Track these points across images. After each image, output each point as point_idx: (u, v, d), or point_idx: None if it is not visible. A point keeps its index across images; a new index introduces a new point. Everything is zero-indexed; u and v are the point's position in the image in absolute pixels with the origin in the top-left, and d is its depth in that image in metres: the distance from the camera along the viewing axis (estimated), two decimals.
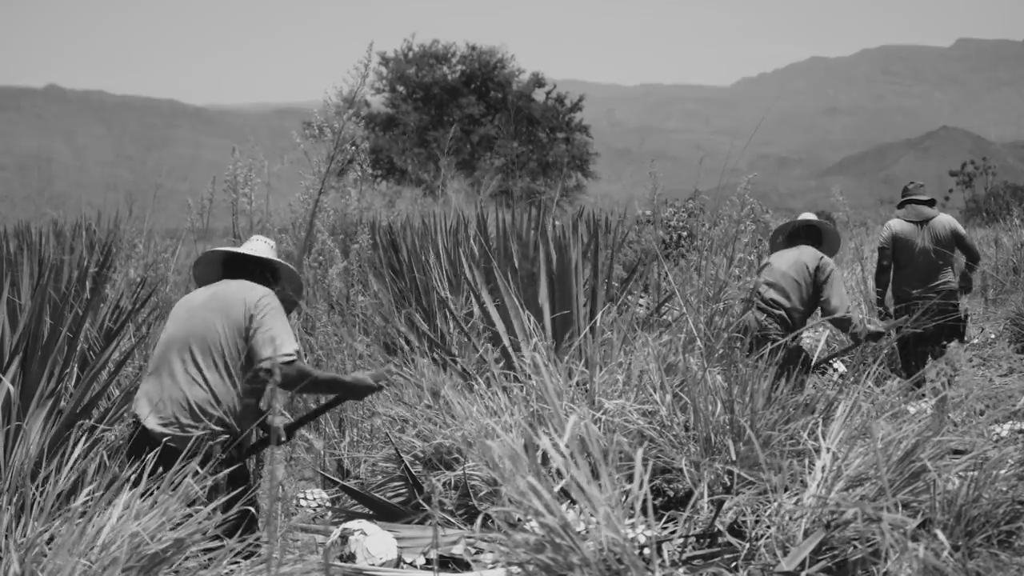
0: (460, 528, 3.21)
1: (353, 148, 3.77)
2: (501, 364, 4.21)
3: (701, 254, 5.16)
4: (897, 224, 6.38)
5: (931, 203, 6.40)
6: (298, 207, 3.92)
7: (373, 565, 3.01)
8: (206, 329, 3.34)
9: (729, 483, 2.97)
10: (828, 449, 2.77)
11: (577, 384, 3.65)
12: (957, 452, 3.02)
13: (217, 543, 2.70)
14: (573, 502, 2.41)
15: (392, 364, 3.82)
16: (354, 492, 3.77)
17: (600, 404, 3.40)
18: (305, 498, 4.07)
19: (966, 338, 6.15)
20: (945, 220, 6.31)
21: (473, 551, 3.04)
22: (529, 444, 2.38)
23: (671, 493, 3.17)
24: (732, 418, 3.13)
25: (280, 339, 3.24)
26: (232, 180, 4.27)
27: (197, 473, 2.94)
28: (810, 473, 2.77)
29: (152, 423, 3.27)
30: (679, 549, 2.72)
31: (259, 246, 3.70)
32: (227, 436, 3.32)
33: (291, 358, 3.24)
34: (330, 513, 3.98)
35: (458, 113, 31.43)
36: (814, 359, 5.34)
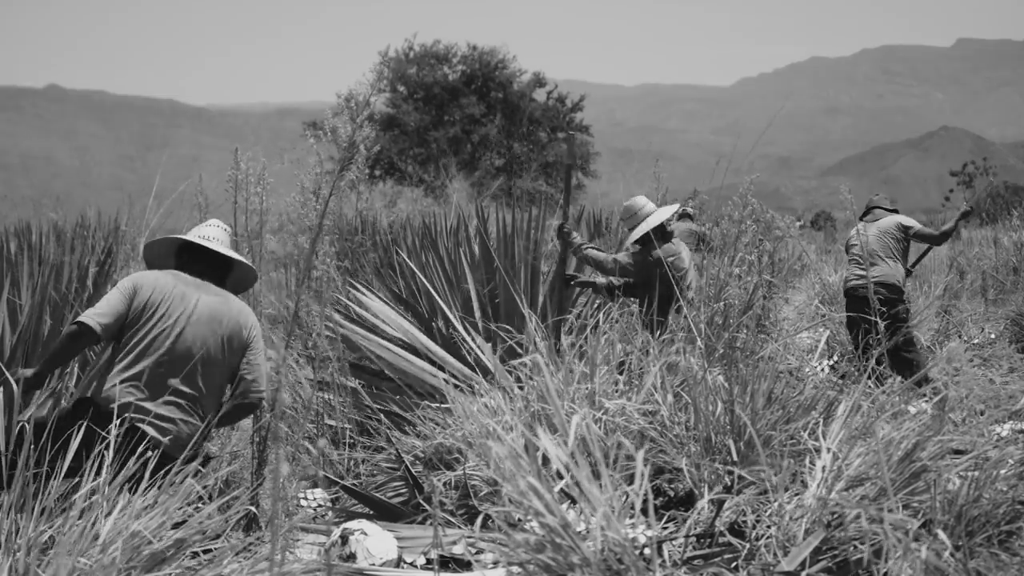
0: (460, 528, 3.21)
1: (366, 152, 3.80)
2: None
3: (703, 254, 5.17)
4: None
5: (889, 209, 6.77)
6: (296, 207, 3.92)
7: (373, 565, 3.01)
8: (220, 355, 3.50)
9: (730, 483, 2.97)
10: (828, 449, 2.77)
11: (577, 383, 3.65)
12: (957, 452, 3.02)
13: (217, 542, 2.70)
14: (574, 502, 2.41)
15: None
16: (354, 492, 3.77)
17: (600, 404, 3.40)
18: (305, 498, 4.07)
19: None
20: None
21: (473, 551, 3.04)
22: (529, 444, 2.38)
23: (671, 493, 3.17)
24: (733, 418, 3.13)
25: (263, 378, 3.62)
26: (235, 180, 4.27)
27: (198, 472, 2.95)
28: (810, 473, 2.77)
29: (153, 432, 3.29)
30: (679, 549, 2.72)
31: (216, 232, 3.77)
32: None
33: (263, 396, 3.63)
34: (330, 513, 3.98)
35: (459, 113, 31.42)
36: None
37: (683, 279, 5.08)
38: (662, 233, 5.27)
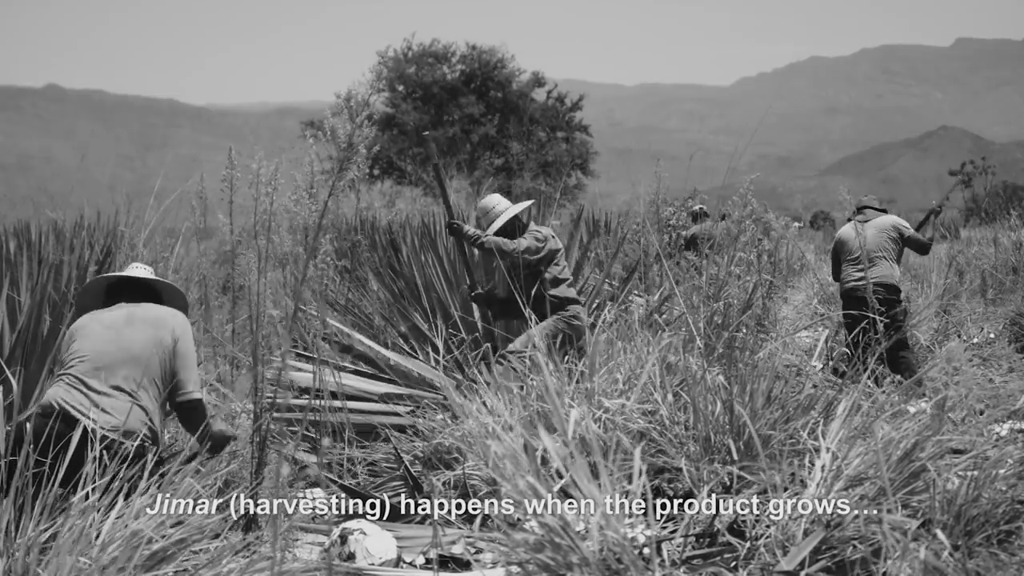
0: (459, 528, 3.21)
1: (366, 152, 3.79)
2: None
3: (702, 253, 5.17)
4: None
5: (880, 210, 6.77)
6: (295, 208, 3.91)
7: (373, 565, 3.01)
8: (140, 351, 3.46)
9: (729, 483, 2.97)
10: (828, 449, 2.77)
11: (577, 383, 3.65)
12: (957, 452, 3.02)
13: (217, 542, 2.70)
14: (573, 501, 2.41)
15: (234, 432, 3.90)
16: (354, 492, 3.77)
17: (600, 403, 3.40)
18: (305, 498, 4.06)
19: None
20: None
21: (473, 550, 3.04)
22: (528, 444, 2.38)
23: (671, 492, 3.17)
24: (732, 417, 3.13)
25: (196, 379, 3.54)
26: (230, 179, 4.27)
27: (198, 472, 2.95)
28: (810, 473, 2.77)
29: (100, 429, 3.29)
30: (679, 549, 2.72)
31: (138, 272, 3.79)
32: (154, 445, 3.42)
33: (199, 398, 3.52)
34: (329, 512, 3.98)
35: (458, 113, 31.40)
36: None
37: (563, 258, 5.32)
38: (522, 225, 5.38)
